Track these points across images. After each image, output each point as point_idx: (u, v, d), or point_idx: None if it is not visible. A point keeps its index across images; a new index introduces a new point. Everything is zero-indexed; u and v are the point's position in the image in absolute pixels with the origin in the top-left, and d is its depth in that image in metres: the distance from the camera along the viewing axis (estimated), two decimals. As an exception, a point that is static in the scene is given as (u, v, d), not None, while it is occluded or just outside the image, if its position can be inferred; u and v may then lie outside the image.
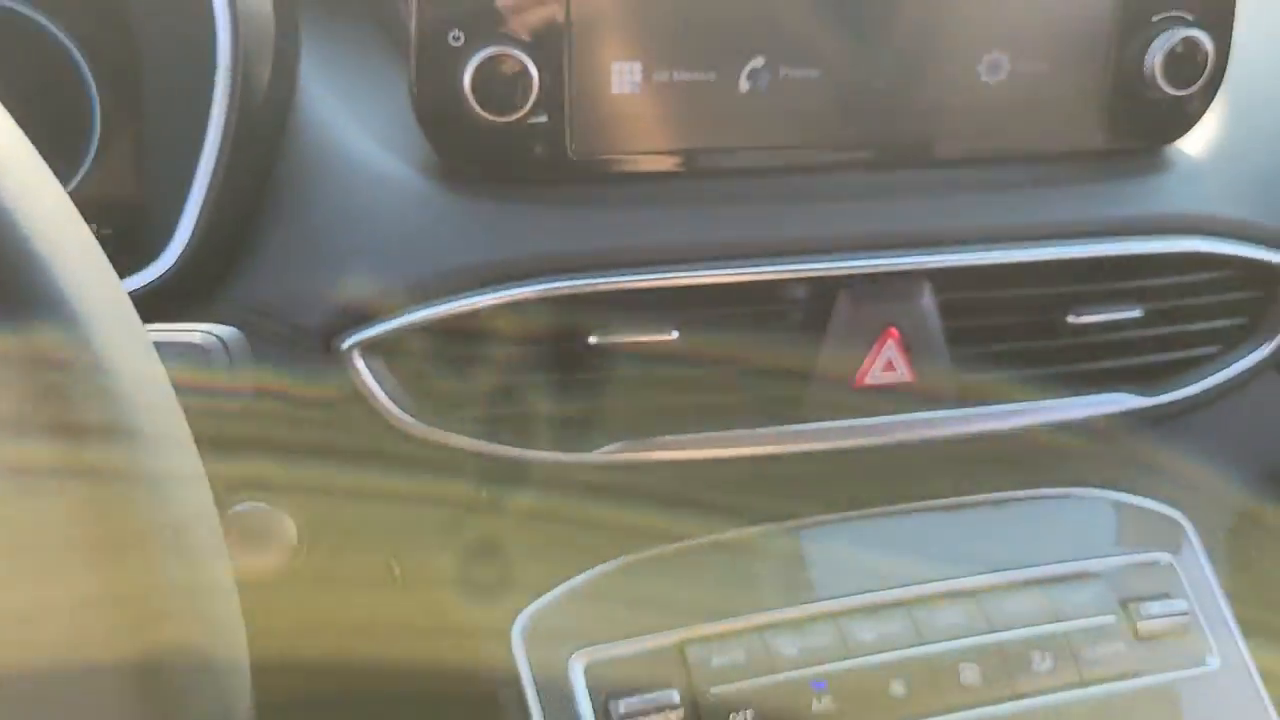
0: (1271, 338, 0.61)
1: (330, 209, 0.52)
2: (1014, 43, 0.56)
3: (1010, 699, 0.57)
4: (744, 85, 0.55)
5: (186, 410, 0.31)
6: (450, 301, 0.51)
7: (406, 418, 0.52)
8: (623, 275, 0.52)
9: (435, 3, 0.51)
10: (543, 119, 0.53)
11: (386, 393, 0.52)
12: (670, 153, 0.55)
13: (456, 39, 0.51)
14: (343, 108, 0.56)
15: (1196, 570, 0.62)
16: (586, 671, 0.54)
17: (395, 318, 0.51)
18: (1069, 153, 0.59)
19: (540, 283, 0.51)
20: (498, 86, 0.51)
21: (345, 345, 0.51)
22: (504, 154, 0.53)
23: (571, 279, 0.52)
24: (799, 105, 0.55)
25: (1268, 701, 0.61)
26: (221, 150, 0.50)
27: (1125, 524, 0.63)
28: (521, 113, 0.52)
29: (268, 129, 0.53)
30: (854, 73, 0.55)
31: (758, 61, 0.55)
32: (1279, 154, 0.61)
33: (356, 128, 0.55)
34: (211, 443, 0.33)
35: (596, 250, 0.52)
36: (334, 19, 0.60)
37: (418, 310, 0.51)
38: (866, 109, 0.56)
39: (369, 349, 0.51)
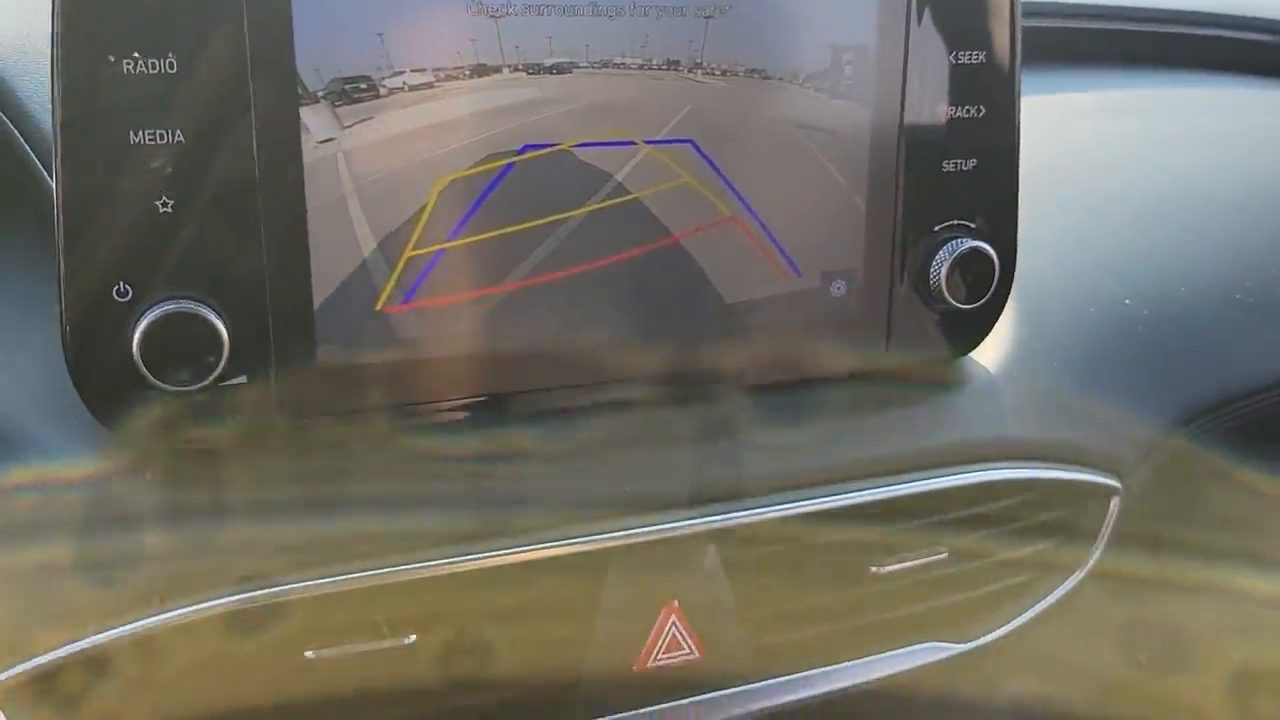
0: (1087, 558, 0.57)
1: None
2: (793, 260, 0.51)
3: None
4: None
5: None
6: (122, 627, 0.40)
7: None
8: (343, 573, 0.42)
9: (91, 248, 0.41)
10: (241, 380, 0.44)
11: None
12: (401, 410, 0.46)
13: (122, 294, 0.42)
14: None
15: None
16: None
17: (48, 652, 0.40)
18: (856, 375, 0.53)
19: (237, 591, 0.41)
20: (178, 349, 0.42)
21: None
22: (193, 427, 0.43)
23: (278, 583, 0.42)
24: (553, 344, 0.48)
25: None
26: None
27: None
28: (211, 378, 0.42)
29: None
30: (619, 304, 0.48)
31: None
32: (1072, 362, 0.57)
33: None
34: None
35: (309, 541, 0.43)
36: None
37: (73, 642, 0.40)
38: (633, 339, 0.49)
39: (11, 694, 0.40)
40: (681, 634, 0.48)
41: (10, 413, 0.44)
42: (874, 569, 0.51)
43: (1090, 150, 0.79)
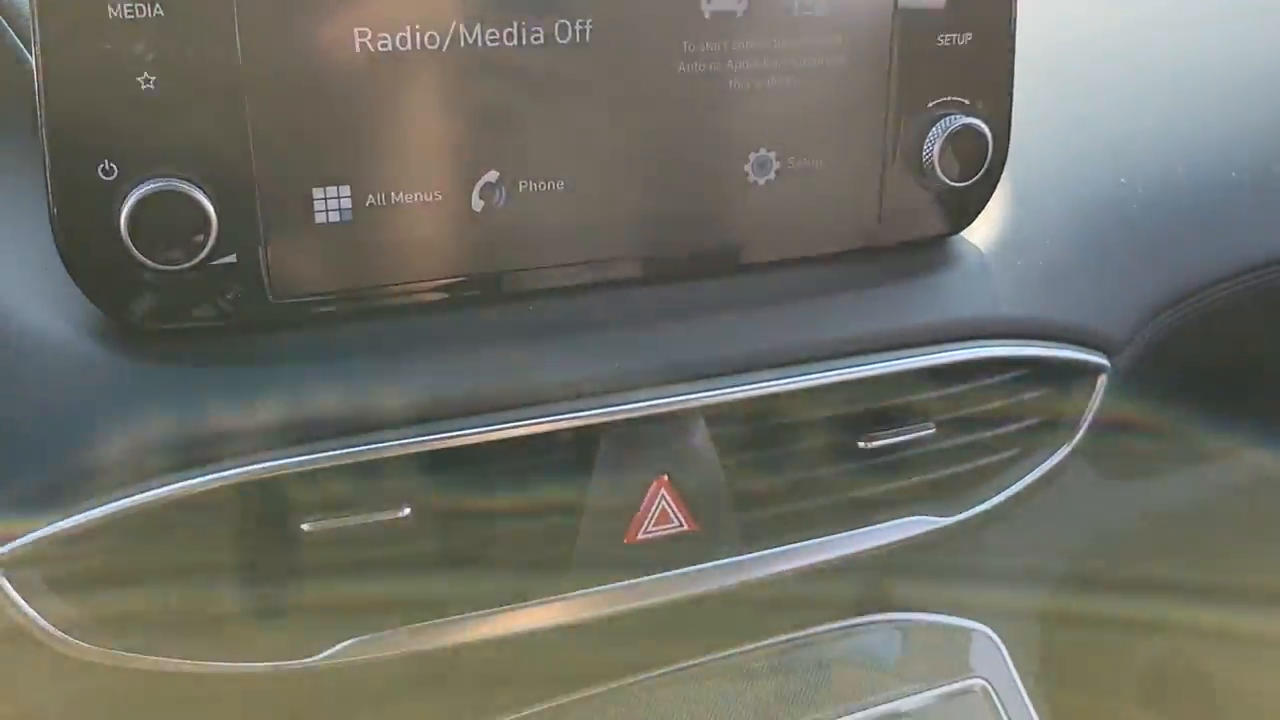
0: (1072, 435, 0.57)
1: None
2: (782, 138, 0.50)
3: None
4: (477, 204, 0.47)
5: None
6: (117, 500, 0.41)
7: (77, 642, 0.42)
8: (337, 447, 0.43)
9: (74, 126, 0.40)
10: (230, 259, 0.44)
11: (42, 613, 0.42)
12: (392, 288, 0.46)
13: (108, 172, 0.41)
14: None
15: (1012, 692, 0.57)
16: None
17: (44, 526, 0.41)
18: (847, 253, 0.53)
19: (234, 465, 0.42)
20: (166, 228, 0.42)
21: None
22: (184, 306, 0.43)
23: (273, 457, 0.42)
24: (542, 222, 0.48)
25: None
26: None
27: (932, 648, 0.58)
28: (200, 257, 0.42)
29: None
30: (603, 181, 0.48)
31: (491, 175, 0.47)
32: (1064, 242, 0.57)
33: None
34: None
35: (304, 417, 0.43)
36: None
37: (74, 515, 0.41)
38: (620, 221, 0.49)
39: (13, 564, 0.41)
40: (671, 507, 0.49)
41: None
42: (861, 444, 0.52)
43: (1088, 26, 0.77)
